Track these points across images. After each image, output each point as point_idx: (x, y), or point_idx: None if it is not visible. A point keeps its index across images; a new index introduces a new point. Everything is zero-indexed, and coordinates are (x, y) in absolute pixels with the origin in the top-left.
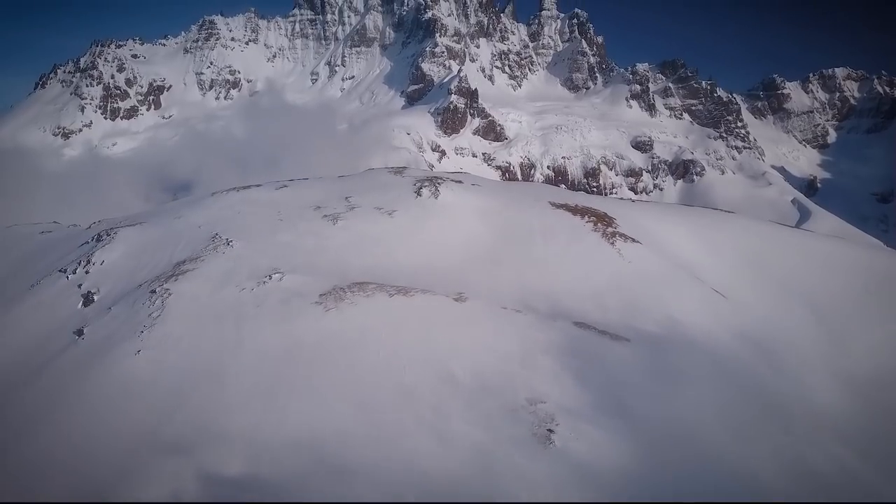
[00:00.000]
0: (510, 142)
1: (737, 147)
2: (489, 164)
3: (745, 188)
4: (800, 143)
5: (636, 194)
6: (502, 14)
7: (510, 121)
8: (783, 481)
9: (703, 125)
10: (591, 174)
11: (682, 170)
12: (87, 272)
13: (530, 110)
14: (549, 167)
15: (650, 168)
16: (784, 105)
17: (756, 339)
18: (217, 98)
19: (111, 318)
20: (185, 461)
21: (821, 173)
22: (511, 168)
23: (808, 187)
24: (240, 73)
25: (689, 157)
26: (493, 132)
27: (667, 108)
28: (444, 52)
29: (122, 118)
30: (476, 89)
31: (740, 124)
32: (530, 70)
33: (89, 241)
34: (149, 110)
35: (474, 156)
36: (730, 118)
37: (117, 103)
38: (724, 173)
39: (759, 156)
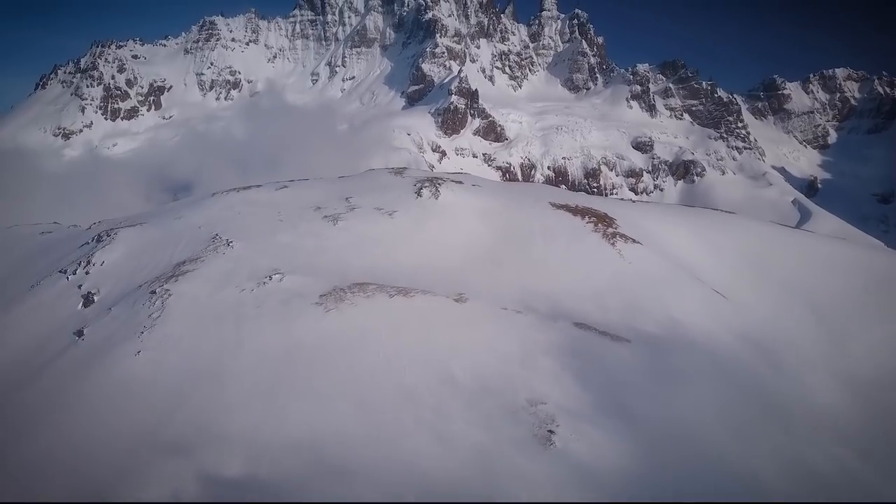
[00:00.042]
0: (510, 142)
1: (737, 147)
2: (489, 165)
3: (746, 189)
4: (800, 143)
5: (636, 195)
6: (502, 15)
7: (510, 121)
8: (783, 481)
9: (703, 126)
10: (592, 175)
11: (683, 170)
12: (87, 273)
13: (531, 111)
14: (549, 168)
15: (651, 168)
16: (784, 105)
17: (756, 339)
18: (217, 99)
19: (111, 319)
20: (185, 462)
21: (821, 174)
22: (511, 168)
23: (809, 188)
24: (240, 73)
25: (690, 158)
26: (493, 133)
27: (667, 109)
28: (444, 53)
29: (123, 119)
30: (476, 90)
31: (741, 125)
32: (531, 70)
33: (89, 242)
34: (149, 111)
35: (475, 156)
36: (730, 119)
37: (118, 104)
38: (724, 174)
39: (759, 156)
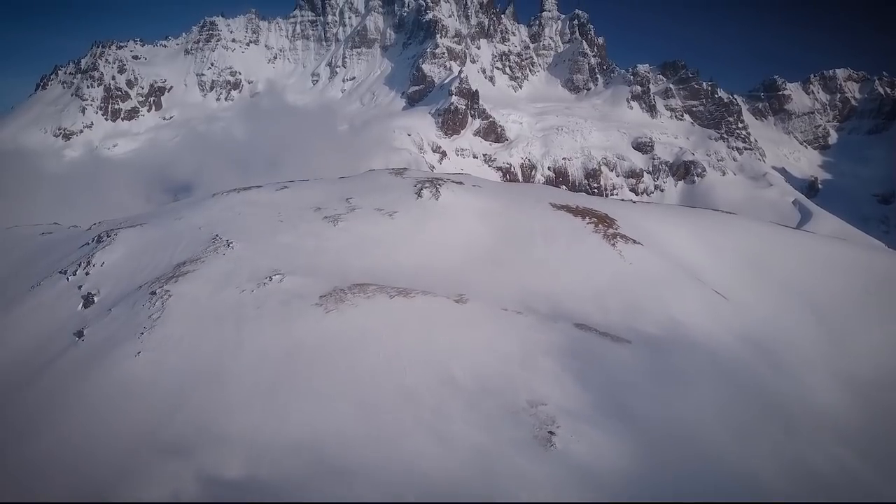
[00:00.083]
0: (511, 143)
1: (738, 148)
2: (490, 166)
3: (746, 189)
4: (801, 144)
5: (637, 195)
6: (503, 15)
7: (511, 122)
8: (783, 481)
9: (703, 126)
10: (592, 175)
11: (683, 171)
12: (87, 273)
13: (531, 111)
14: (549, 168)
15: (651, 169)
16: (785, 106)
17: (757, 339)
18: (218, 99)
19: (111, 320)
20: (185, 462)
21: (822, 174)
22: (512, 169)
23: (809, 188)
24: (240, 74)
25: (690, 159)
26: (493, 133)
27: (668, 109)
28: (444, 54)
29: (123, 119)
30: (477, 90)
31: (741, 125)
32: (531, 71)
33: (90, 243)
34: (149, 111)
35: (475, 157)
36: (731, 119)
37: (118, 104)
38: (724, 174)
39: (759, 157)
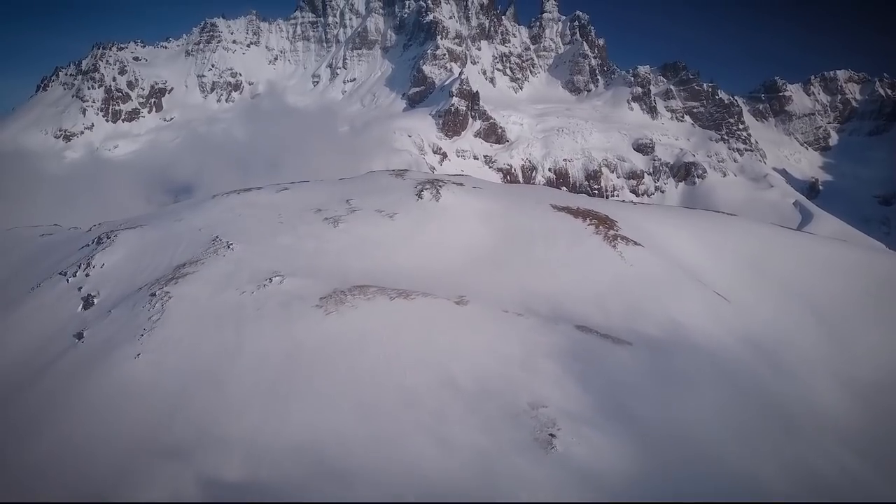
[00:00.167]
0: (511, 144)
1: (738, 149)
2: (490, 167)
3: (747, 190)
4: (801, 145)
5: (637, 196)
6: (503, 16)
7: (511, 123)
8: (784, 482)
9: (704, 127)
10: (593, 176)
11: (684, 172)
12: (87, 275)
13: (532, 112)
14: (550, 169)
15: (651, 170)
16: (785, 107)
17: (757, 341)
18: (218, 100)
19: (111, 322)
20: (185, 464)
21: (822, 175)
22: (512, 170)
23: (810, 189)
24: (241, 75)
25: (691, 160)
26: (494, 134)
27: (668, 111)
28: (445, 55)
29: (124, 120)
30: (477, 91)
31: (742, 126)
32: (531, 72)
33: (90, 244)
34: (150, 113)
35: (476, 158)
36: (731, 120)
37: (119, 106)
38: (725, 175)
39: (760, 158)
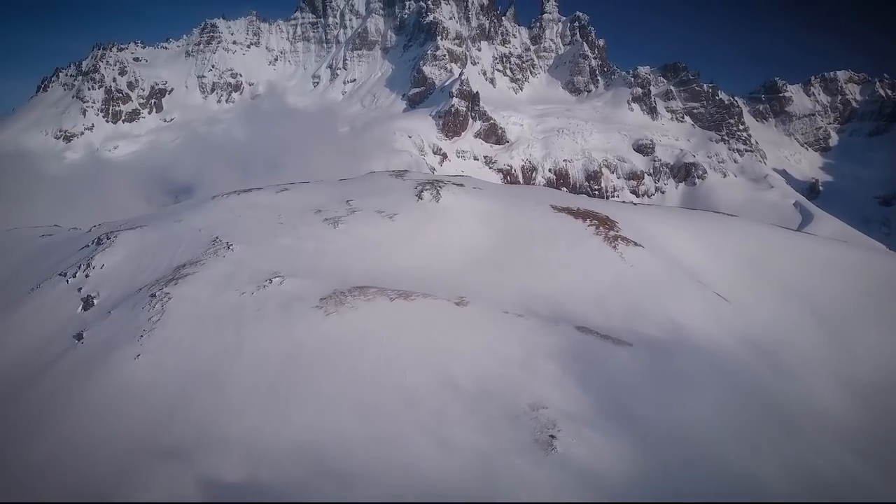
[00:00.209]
0: (512, 145)
1: (738, 150)
2: (491, 167)
3: (747, 191)
4: (801, 145)
5: (638, 197)
6: (504, 17)
7: (512, 124)
8: (784, 483)
9: (704, 128)
10: (593, 177)
11: (684, 173)
12: (87, 276)
13: (532, 113)
14: (550, 170)
15: (652, 171)
16: (786, 108)
17: (757, 341)
18: (219, 101)
19: (111, 322)
20: (185, 464)
21: (823, 176)
22: (513, 171)
23: (810, 190)
24: (241, 76)
25: (691, 160)
26: (494, 135)
27: (668, 111)
28: (445, 56)
29: (124, 121)
30: (477, 92)
31: (742, 127)
32: (532, 73)
33: (90, 245)
34: (150, 113)
35: (476, 159)
36: (731, 121)
37: (119, 106)
38: (725, 176)
39: (760, 159)
